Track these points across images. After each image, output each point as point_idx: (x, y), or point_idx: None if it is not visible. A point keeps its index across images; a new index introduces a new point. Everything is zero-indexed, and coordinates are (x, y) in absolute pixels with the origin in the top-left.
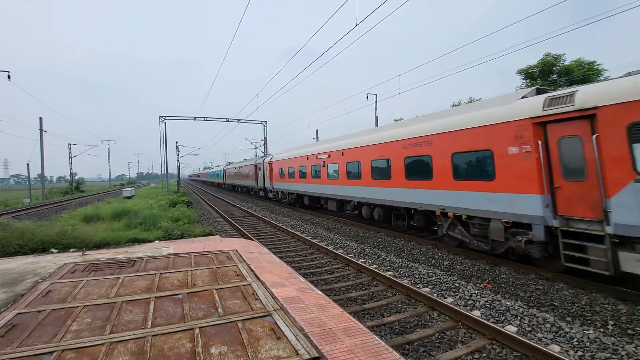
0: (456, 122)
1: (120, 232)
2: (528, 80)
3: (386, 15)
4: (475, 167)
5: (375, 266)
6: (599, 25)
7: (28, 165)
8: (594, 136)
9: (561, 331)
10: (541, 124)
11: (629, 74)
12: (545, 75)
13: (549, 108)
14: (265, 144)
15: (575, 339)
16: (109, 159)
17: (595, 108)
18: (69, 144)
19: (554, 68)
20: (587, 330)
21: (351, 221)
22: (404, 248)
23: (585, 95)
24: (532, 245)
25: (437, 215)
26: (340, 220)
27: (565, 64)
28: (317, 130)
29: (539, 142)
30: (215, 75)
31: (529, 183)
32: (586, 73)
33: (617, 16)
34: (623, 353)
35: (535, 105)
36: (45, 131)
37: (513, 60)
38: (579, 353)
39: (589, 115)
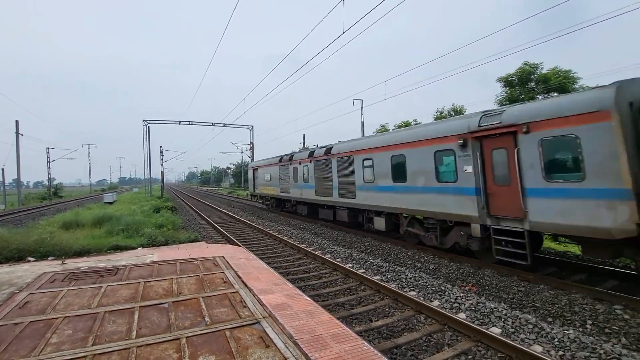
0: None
1: (102, 239)
2: (507, 88)
3: (372, 22)
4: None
5: (362, 270)
6: (575, 36)
7: (3, 170)
8: None
9: (543, 332)
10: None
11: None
12: (524, 83)
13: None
14: (252, 148)
15: (556, 339)
16: (89, 163)
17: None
18: (47, 148)
19: (532, 76)
20: (567, 330)
21: (338, 226)
22: (391, 252)
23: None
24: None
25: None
26: (328, 225)
27: (542, 72)
28: (303, 135)
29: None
30: (201, 79)
31: None
32: (562, 81)
33: (588, 28)
34: (601, 352)
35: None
36: (22, 134)
37: (495, 68)
38: (560, 352)
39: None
